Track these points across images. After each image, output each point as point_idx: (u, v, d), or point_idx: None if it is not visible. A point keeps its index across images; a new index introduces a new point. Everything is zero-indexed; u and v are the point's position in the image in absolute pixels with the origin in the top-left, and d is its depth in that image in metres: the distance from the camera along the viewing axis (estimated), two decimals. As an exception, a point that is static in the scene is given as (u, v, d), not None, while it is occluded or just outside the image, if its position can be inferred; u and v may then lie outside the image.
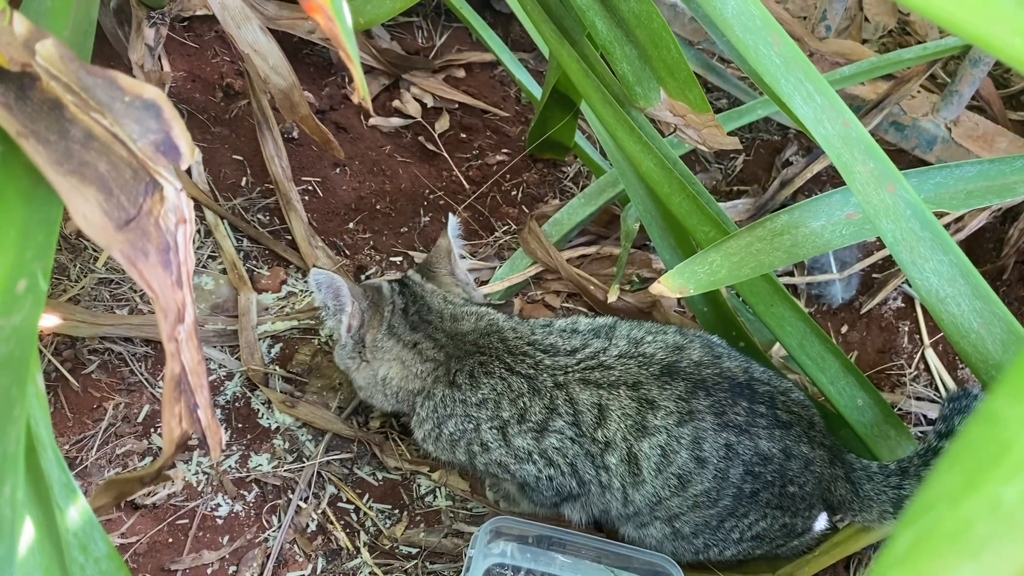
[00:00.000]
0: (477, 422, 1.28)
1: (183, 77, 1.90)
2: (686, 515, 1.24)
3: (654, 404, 1.20)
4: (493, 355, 1.29)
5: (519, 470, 1.28)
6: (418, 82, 2.00)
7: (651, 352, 1.25)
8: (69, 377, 1.49)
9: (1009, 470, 0.30)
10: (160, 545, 1.37)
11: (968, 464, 0.31)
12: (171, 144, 0.71)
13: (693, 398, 1.20)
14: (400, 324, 1.34)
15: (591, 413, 1.22)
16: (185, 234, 0.72)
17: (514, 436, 1.26)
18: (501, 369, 1.28)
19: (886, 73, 1.75)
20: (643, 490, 1.22)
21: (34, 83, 0.75)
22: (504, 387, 1.26)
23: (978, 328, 0.98)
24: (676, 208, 1.29)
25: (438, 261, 1.43)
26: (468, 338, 1.32)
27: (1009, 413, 0.31)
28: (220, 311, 1.63)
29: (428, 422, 1.32)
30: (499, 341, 1.30)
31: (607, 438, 1.22)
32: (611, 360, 1.25)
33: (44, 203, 0.72)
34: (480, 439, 1.28)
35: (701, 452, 1.19)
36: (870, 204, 0.98)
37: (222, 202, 1.75)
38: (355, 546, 1.40)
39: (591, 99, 1.32)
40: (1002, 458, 0.30)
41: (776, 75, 1.00)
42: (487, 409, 1.27)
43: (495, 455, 1.28)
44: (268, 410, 1.53)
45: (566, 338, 1.30)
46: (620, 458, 1.22)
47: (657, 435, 1.20)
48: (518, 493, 1.38)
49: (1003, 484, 0.30)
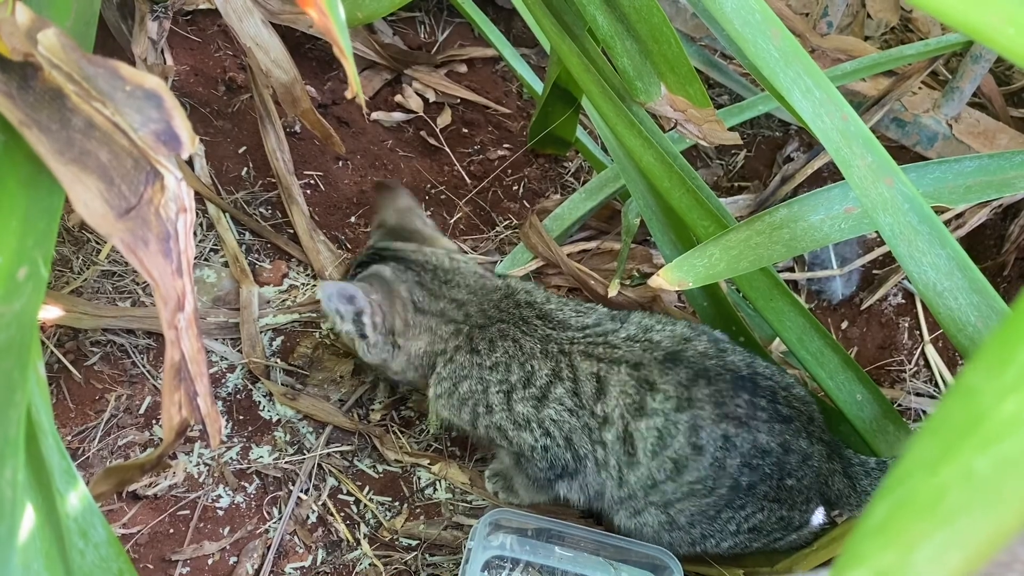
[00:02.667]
0: (487, 384, 1.29)
1: (186, 71, 1.91)
2: (681, 503, 1.24)
3: (654, 386, 1.21)
4: (511, 320, 1.31)
5: (516, 436, 1.29)
6: (420, 77, 2.01)
7: (658, 339, 1.27)
8: (71, 368, 1.50)
9: (983, 440, 0.30)
10: (161, 536, 1.38)
11: (944, 435, 0.32)
12: (172, 133, 0.72)
13: (694, 386, 1.21)
14: (423, 297, 1.34)
15: (590, 383, 1.24)
16: (185, 223, 0.73)
17: (517, 401, 1.27)
18: (517, 332, 1.29)
19: (887, 69, 1.75)
20: (638, 471, 1.23)
21: (36, 73, 0.76)
22: (516, 349, 1.28)
23: (975, 322, 0.98)
24: (676, 203, 1.30)
25: (410, 221, 1.44)
26: (491, 300, 1.34)
27: (984, 386, 0.31)
28: (222, 304, 1.64)
29: (447, 380, 1.34)
30: (515, 306, 1.33)
31: (605, 413, 1.23)
32: (618, 341, 1.27)
33: (46, 192, 0.73)
34: (487, 401, 1.30)
35: (698, 440, 1.20)
36: (868, 198, 0.99)
37: (224, 196, 1.76)
38: (355, 538, 1.41)
39: (592, 94, 1.32)
40: (976, 429, 0.31)
41: (775, 69, 1.00)
42: (498, 372, 1.29)
43: (496, 418, 1.30)
44: (269, 402, 1.54)
45: (580, 314, 1.32)
46: (616, 435, 1.23)
47: (655, 417, 1.21)
48: (514, 468, 1.38)
49: (977, 454, 0.30)
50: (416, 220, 1.45)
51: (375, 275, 1.35)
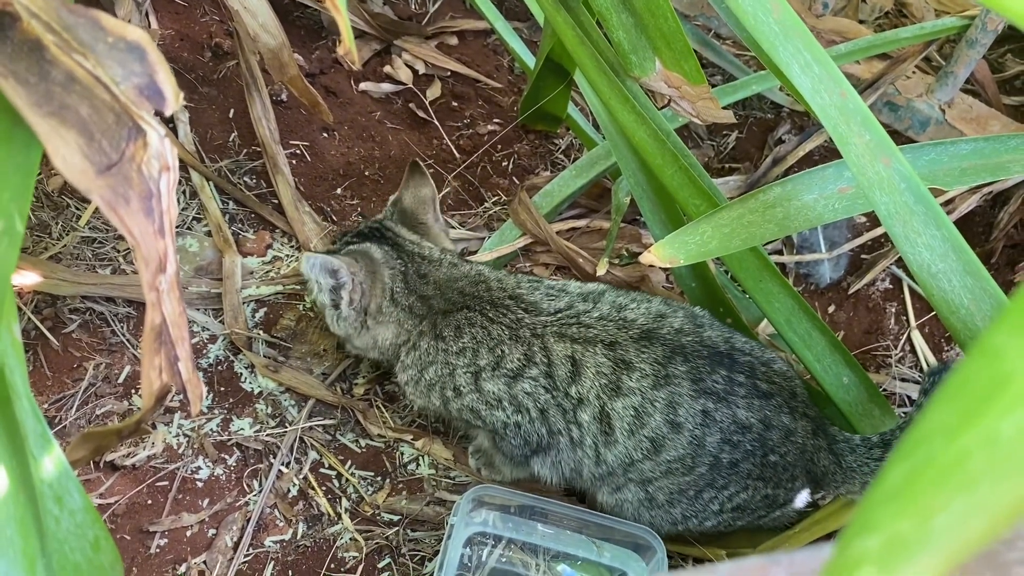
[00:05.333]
0: (453, 368, 1.29)
1: (171, 36, 1.87)
2: (659, 480, 1.24)
3: (630, 365, 1.21)
4: (477, 308, 1.30)
5: (489, 415, 1.29)
6: (410, 48, 1.97)
7: (632, 317, 1.26)
8: (49, 336, 1.47)
9: (1008, 403, 0.29)
10: (139, 507, 1.36)
11: (966, 398, 0.30)
12: (155, 88, 0.69)
13: (670, 363, 1.20)
14: (401, 290, 1.35)
15: (565, 367, 1.23)
16: (168, 182, 0.70)
17: (485, 381, 1.27)
18: (483, 319, 1.29)
19: (882, 52, 1.74)
20: (615, 450, 1.23)
21: (14, 23, 0.73)
22: (484, 335, 1.28)
23: (968, 304, 0.97)
24: (668, 180, 1.28)
25: (423, 212, 1.43)
26: (455, 289, 1.33)
27: (1010, 346, 0.30)
28: (204, 274, 1.61)
29: (412, 368, 1.35)
30: (485, 291, 1.32)
31: (580, 395, 1.22)
32: (591, 320, 1.26)
33: (22, 146, 0.70)
34: (454, 384, 1.30)
35: (676, 417, 1.19)
36: (865, 176, 0.98)
37: (208, 164, 1.73)
38: (336, 512, 1.40)
39: (586, 67, 1.30)
40: (1001, 391, 0.29)
41: (774, 42, 0.99)
42: (465, 357, 1.29)
43: (467, 400, 1.30)
44: (251, 374, 1.52)
45: (551, 296, 1.31)
46: (593, 416, 1.22)
47: (631, 396, 1.20)
48: (491, 447, 1.38)
49: (1002, 417, 0.29)
50: (429, 214, 1.44)
51: (365, 253, 1.34)
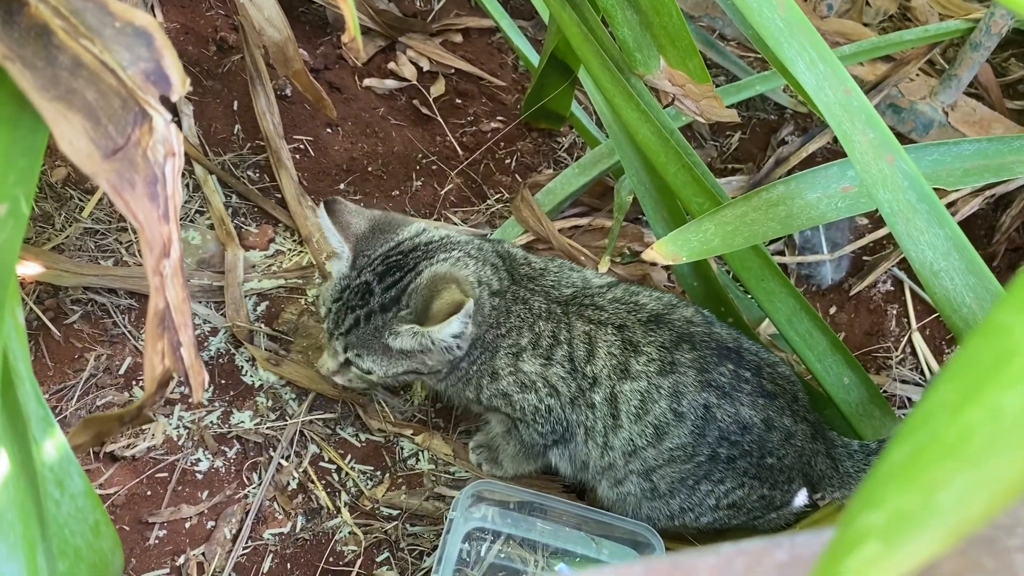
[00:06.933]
0: (495, 349, 1.24)
1: (176, 29, 1.87)
2: (662, 468, 1.24)
3: (638, 348, 1.21)
4: (523, 285, 1.27)
5: (521, 399, 1.26)
6: (415, 45, 1.98)
7: (644, 303, 1.26)
8: (51, 326, 1.47)
9: (1012, 378, 0.29)
10: (138, 497, 1.36)
11: (971, 373, 0.30)
12: (162, 74, 0.70)
13: (677, 350, 1.20)
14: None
15: (583, 345, 1.23)
16: (173, 167, 0.70)
17: (525, 361, 1.24)
18: (526, 294, 1.26)
19: (886, 54, 1.74)
20: (620, 435, 1.22)
21: (23, 8, 0.73)
22: (527, 313, 1.24)
23: (970, 303, 0.97)
24: (671, 178, 1.28)
25: (382, 219, 1.31)
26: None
27: (1015, 323, 0.30)
28: (206, 266, 1.61)
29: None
30: (512, 264, 1.29)
31: (594, 373, 1.22)
32: (604, 302, 1.26)
33: (28, 130, 0.70)
34: (492, 367, 1.25)
35: (680, 406, 1.19)
36: (868, 174, 0.98)
37: (212, 157, 1.73)
38: (335, 506, 1.40)
39: (590, 64, 1.30)
40: (1005, 367, 0.30)
41: (779, 39, 0.99)
42: (510, 337, 1.24)
43: (503, 384, 1.26)
44: (252, 367, 1.52)
45: (569, 276, 1.30)
46: (604, 397, 1.22)
47: (638, 380, 1.20)
48: (505, 437, 1.36)
49: (1007, 392, 0.29)
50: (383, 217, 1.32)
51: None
